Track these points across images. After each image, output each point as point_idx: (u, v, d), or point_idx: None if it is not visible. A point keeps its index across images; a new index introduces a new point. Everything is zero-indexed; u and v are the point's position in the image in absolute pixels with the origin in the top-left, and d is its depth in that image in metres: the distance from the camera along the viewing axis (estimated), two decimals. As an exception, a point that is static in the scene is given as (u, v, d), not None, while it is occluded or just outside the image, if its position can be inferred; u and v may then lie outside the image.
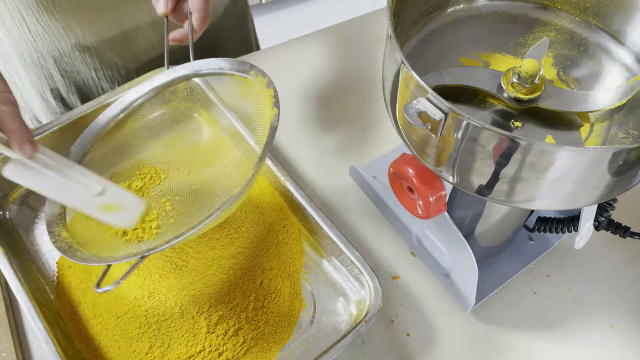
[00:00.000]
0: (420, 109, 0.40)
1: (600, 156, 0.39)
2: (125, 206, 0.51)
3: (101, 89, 0.79)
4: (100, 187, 0.49)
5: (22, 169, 0.44)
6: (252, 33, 0.97)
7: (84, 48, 0.73)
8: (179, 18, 0.59)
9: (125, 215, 0.51)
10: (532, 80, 0.45)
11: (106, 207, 0.49)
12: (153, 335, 0.54)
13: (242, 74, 0.54)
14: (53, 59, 0.74)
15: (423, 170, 0.51)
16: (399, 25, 0.49)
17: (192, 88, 0.58)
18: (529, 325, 0.60)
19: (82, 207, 0.49)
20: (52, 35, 0.71)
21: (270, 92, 0.51)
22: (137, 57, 0.78)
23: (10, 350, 0.55)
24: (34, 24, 0.69)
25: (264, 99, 0.52)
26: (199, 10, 0.57)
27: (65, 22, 0.69)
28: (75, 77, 0.77)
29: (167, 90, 0.57)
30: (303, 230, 0.64)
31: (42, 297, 0.57)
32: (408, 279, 0.63)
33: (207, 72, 0.56)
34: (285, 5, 2.23)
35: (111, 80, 0.79)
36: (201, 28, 0.58)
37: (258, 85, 0.52)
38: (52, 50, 0.73)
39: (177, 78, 0.57)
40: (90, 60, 0.75)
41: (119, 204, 0.50)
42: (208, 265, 0.56)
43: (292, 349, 0.57)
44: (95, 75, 0.77)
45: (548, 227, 0.60)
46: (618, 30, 0.51)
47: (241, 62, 0.54)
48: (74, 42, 0.72)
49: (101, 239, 0.51)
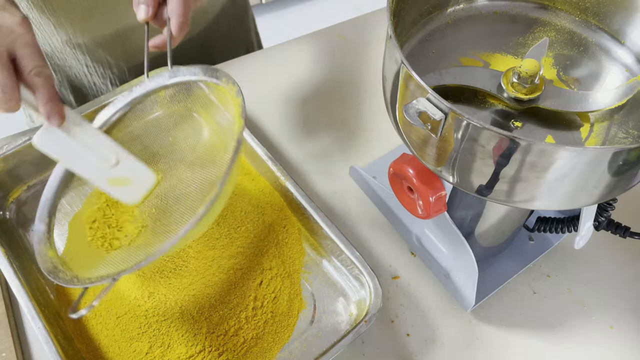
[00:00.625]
0: (420, 109, 0.40)
1: (600, 156, 0.39)
2: (133, 181, 0.53)
3: (93, 84, 0.79)
4: (115, 158, 0.51)
5: (49, 137, 0.48)
6: (252, 32, 0.96)
7: (75, 45, 0.73)
8: (161, 24, 0.57)
9: (131, 191, 0.53)
10: (532, 80, 0.45)
11: (116, 180, 0.52)
12: (153, 335, 0.54)
13: (214, 80, 0.53)
14: (45, 54, 0.73)
15: (423, 170, 0.51)
16: (399, 25, 0.49)
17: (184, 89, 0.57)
18: (529, 325, 0.60)
19: (94, 179, 0.51)
20: (43, 32, 0.71)
21: (238, 102, 0.49)
22: (130, 56, 0.78)
23: (10, 350, 0.55)
24: None
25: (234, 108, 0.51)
26: (177, 15, 0.55)
27: (56, 19, 0.69)
28: (67, 71, 0.77)
29: (148, 100, 0.56)
30: (303, 230, 0.64)
31: (42, 297, 0.57)
32: (408, 279, 0.63)
33: (182, 79, 0.54)
34: (285, 5, 2.23)
35: (103, 77, 0.78)
36: (180, 33, 0.55)
37: (229, 94, 0.52)
38: (43, 46, 0.72)
39: (157, 88, 0.56)
40: (82, 57, 0.75)
41: (128, 178, 0.52)
42: (208, 265, 0.56)
43: (292, 349, 0.57)
44: (87, 71, 0.77)
45: (548, 227, 0.60)
46: (618, 30, 0.51)
47: (214, 69, 0.53)
48: (65, 39, 0.72)
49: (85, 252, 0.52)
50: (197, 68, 0.54)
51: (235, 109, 0.50)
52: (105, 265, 0.50)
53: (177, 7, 0.54)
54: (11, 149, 0.63)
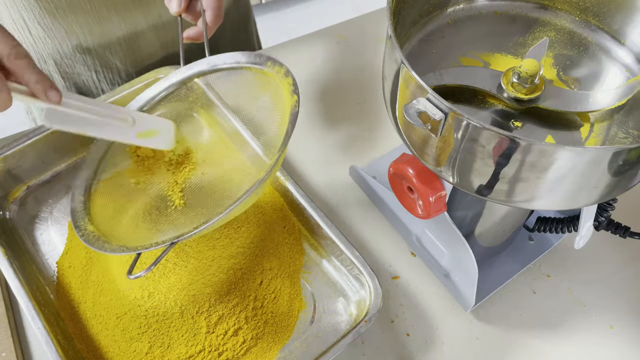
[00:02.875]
0: (420, 109, 0.40)
1: (600, 156, 0.39)
2: (158, 131, 0.54)
3: (101, 91, 0.79)
4: (130, 117, 0.52)
5: (58, 115, 0.46)
6: (254, 36, 0.97)
7: (85, 50, 0.73)
8: (193, 16, 0.60)
9: (162, 138, 0.54)
10: (532, 80, 0.45)
11: (143, 134, 0.52)
12: (153, 335, 0.54)
13: (258, 66, 0.54)
14: (54, 61, 0.74)
15: (423, 170, 0.51)
16: (399, 25, 0.49)
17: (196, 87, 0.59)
18: (529, 325, 0.60)
19: (123, 138, 0.52)
20: (54, 38, 0.71)
21: (288, 81, 0.52)
22: (139, 61, 0.78)
23: (10, 350, 0.55)
24: (35, 27, 0.69)
25: (281, 89, 0.52)
26: (212, 7, 0.59)
27: (67, 24, 0.69)
28: (75, 78, 0.77)
29: (183, 87, 0.58)
30: (303, 230, 0.64)
31: (42, 297, 0.57)
32: (408, 279, 0.63)
33: (223, 67, 0.56)
34: (286, 5, 2.22)
35: (111, 82, 0.79)
36: (215, 25, 0.60)
37: (275, 76, 0.53)
38: (52, 53, 0.73)
39: (194, 74, 0.57)
40: (91, 62, 0.75)
41: (153, 129, 0.53)
42: (208, 265, 0.56)
43: (292, 349, 0.57)
44: (96, 77, 0.77)
45: (548, 227, 0.60)
46: (618, 30, 0.51)
47: (257, 54, 0.55)
48: (75, 44, 0.72)
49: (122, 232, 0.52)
50: (239, 55, 0.55)
51: (284, 88, 0.51)
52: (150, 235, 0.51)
53: (212, 0, 0.59)
54: (11, 149, 0.63)
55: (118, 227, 0.53)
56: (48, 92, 0.44)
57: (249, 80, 0.56)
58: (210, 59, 0.57)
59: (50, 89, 0.44)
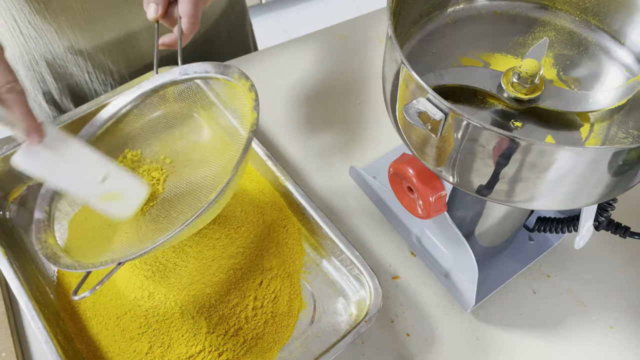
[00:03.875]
0: (420, 109, 0.40)
1: (600, 156, 0.39)
2: (124, 195, 0.52)
3: (94, 92, 0.79)
4: (103, 172, 0.50)
5: (30, 157, 0.46)
6: (250, 37, 0.97)
7: (77, 52, 0.73)
8: (170, 22, 0.59)
9: (123, 206, 0.52)
10: (532, 80, 0.45)
11: (107, 196, 0.50)
12: (153, 335, 0.54)
13: (226, 77, 0.54)
14: (46, 61, 0.73)
15: (423, 170, 0.51)
16: (399, 25, 0.49)
17: (189, 89, 0.58)
18: (529, 325, 0.60)
19: (84, 196, 0.50)
20: (45, 38, 0.70)
21: (252, 96, 0.51)
22: (131, 63, 0.78)
23: (10, 350, 0.55)
24: (27, 27, 0.69)
25: (246, 103, 0.52)
26: (188, 15, 0.56)
27: (58, 25, 0.69)
28: (68, 79, 0.76)
29: (156, 95, 0.57)
30: (303, 230, 0.64)
31: (42, 297, 0.57)
32: (408, 279, 0.63)
33: (193, 76, 0.56)
34: (285, 5, 2.23)
35: (104, 84, 0.78)
36: (191, 32, 0.57)
37: (241, 89, 0.52)
38: (44, 53, 0.72)
39: (166, 83, 0.57)
40: (83, 64, 0.75)
41: (118, 192, 0.51)
42: (208, 265, 0.56)
43: (292, 349, 0.57)
44: (89, 78, 0.77)
45: (548, 227, 0.60)
46: (618, 30, 0.51)
47: (226, 65, 0.54)
48: (67, 45, 0.72)
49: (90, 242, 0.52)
50: (209, 65, 0.55)
51: (248, 103, 0.51)
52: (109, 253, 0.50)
53: (188, 7, 0.56)
54: (11, 148, 0.63)
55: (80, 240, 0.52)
56: (30, 133, 0.44)
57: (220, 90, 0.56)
58: (182, 67, 0.56)
59: (33, 131, 0.44)
